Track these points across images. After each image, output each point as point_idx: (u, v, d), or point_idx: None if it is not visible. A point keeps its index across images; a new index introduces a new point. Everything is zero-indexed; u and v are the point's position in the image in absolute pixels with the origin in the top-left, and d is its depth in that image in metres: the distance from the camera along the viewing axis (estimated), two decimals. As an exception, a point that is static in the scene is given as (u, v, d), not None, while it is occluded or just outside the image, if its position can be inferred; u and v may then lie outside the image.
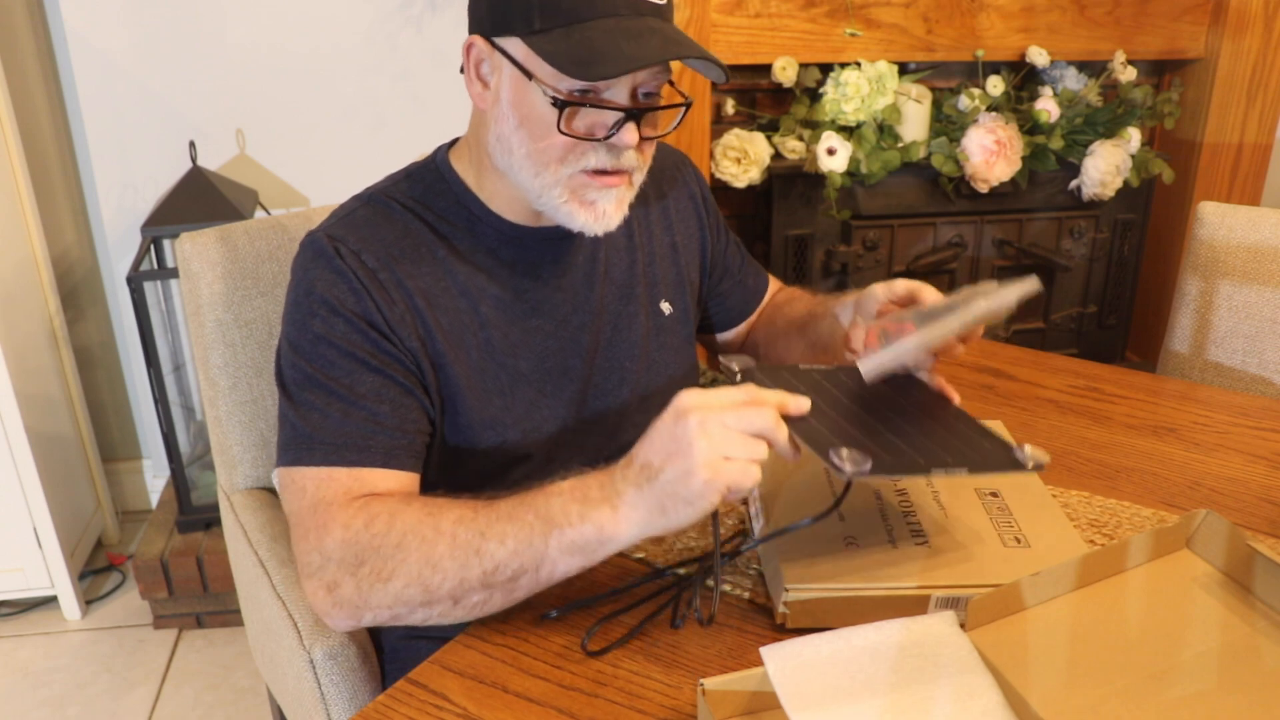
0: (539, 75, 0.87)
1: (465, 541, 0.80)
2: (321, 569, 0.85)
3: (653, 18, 0.88)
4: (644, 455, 0.77)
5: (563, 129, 0.88)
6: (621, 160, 0.91)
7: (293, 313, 0.94)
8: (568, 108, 0.87)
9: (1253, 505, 1.03)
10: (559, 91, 0.87)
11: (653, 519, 0.76)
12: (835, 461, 0.74)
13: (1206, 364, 1.53)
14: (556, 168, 0.91)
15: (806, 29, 2.11)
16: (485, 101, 0.93)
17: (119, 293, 2.19)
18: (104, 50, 1.98)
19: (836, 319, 1.07)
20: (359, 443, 0.89)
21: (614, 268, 1.07)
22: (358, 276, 0.92)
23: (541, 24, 0.86)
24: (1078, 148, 2.14)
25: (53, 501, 1.97)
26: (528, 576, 0.80)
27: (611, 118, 0.89)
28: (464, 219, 0.99)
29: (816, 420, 0.81)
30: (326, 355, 0.91)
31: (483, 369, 0.97)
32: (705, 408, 0.75)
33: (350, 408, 0.89)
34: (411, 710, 0.77)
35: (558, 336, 1.02)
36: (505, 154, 0.93)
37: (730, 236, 1.23)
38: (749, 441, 0.75)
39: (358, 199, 1.00)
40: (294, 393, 0.91)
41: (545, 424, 1.01)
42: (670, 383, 1.12)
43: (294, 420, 0.90)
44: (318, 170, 2.15)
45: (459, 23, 2.07)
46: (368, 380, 0.91)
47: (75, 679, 1.90)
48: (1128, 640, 0.74)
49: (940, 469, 0.78)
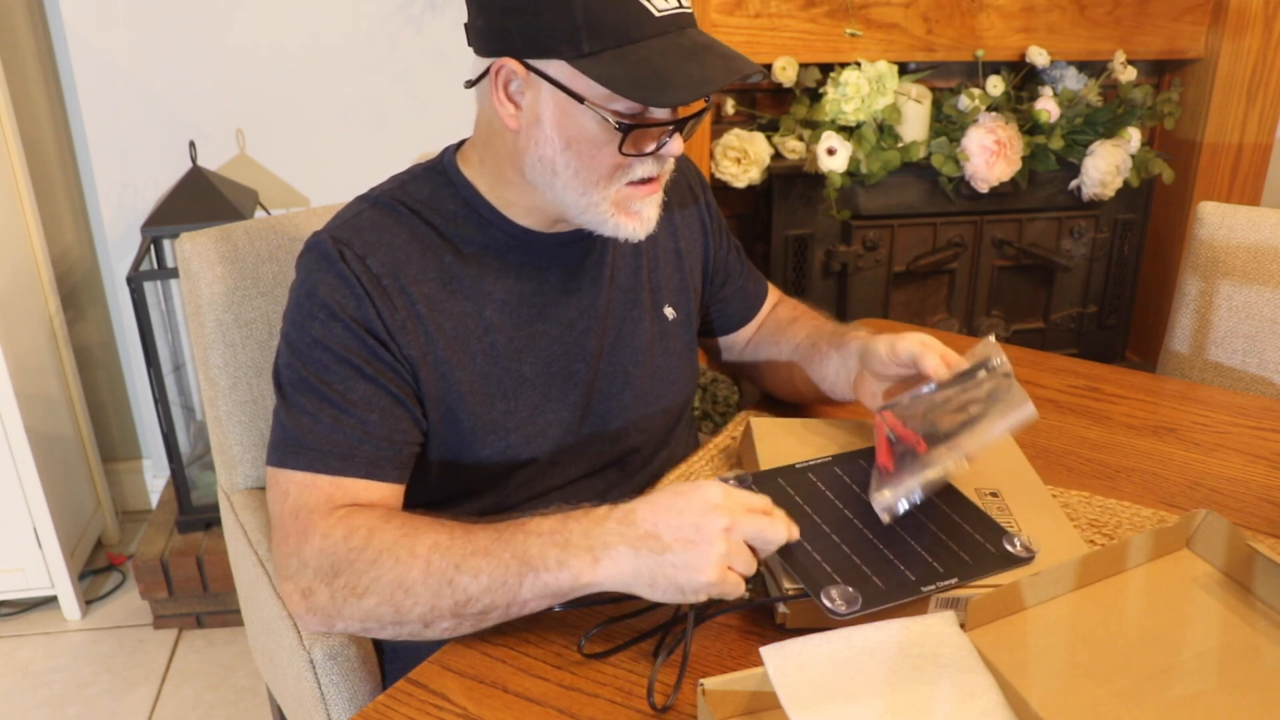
0: (591, 98, 0.86)
1: (439, 570, 0.80)
2: (298, 574, 0.85)
3: (692, 29, 0.90)
4: (654, 523, 0.77)
5: (625, 150, 0.89)
6: (664, 167, 0.94)
7: (293, 313, 0.94)
8: (634, 130, 0.88)
9: (1253, 505, 1.03)
10: (620, 115, 0.87)
11: (635, 582, 0.77)
12: (826, 604, 0.77)
13: (1206, 364, 1.53)
14: (607, 184, 0.91)
15: (806, 29, 2.11)
16: (517, 122, 0.91)
17: (119, 293, 2.19)
18: (104, 50, 1.98)
19: (843, 362, 1.07)
20: (345, 451, 0.89)
21: (620, 272, 1.07)
22: (361, 282, 0.92)
23: (591, 47, 0.85)
24: (1078, 148, 2.14)
25: (53, 501, 1.97)
26: (498, 612, 0.80)
27: (659, 131, 0.90)
28: (472, 222, 0.98)
29: (810, 537, 0.84)
30: (322, 360, 0.91)
31: (486, 374, 0.97)
32: (735, 512, 0.76)
33: (341, 415, 0.90)
34: (411, 710, 0.77)
35: (563, 341, 1.02)
36: (548, 174, 0.92)
37: (731, 241, 1.23)
38: (751, 559, 0.77)
39: (364, 200, 0.99)
40: (288, 393, 0.92)
41: (548, 429, 1.01)
42: (674, 387, 1.12)
43: (285, 421, 0.91)
44: (318, 170, 2.15)
45: (459, 23, 2.06)
46: (361, 388, 0.91)
47: (75, 679, 1.90)
48: (1128, 640, 0.74)
49: (932, 585, 0.80)
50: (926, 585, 0.80)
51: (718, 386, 2.12)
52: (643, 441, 1.09)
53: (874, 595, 0.78)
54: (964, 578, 0.81)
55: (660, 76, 0.84)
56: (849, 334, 1.09)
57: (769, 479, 0.93)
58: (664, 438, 1.12)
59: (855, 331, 1.09)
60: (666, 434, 1.13)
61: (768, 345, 1.21)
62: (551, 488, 1.03)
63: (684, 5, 0.89)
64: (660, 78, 0.84)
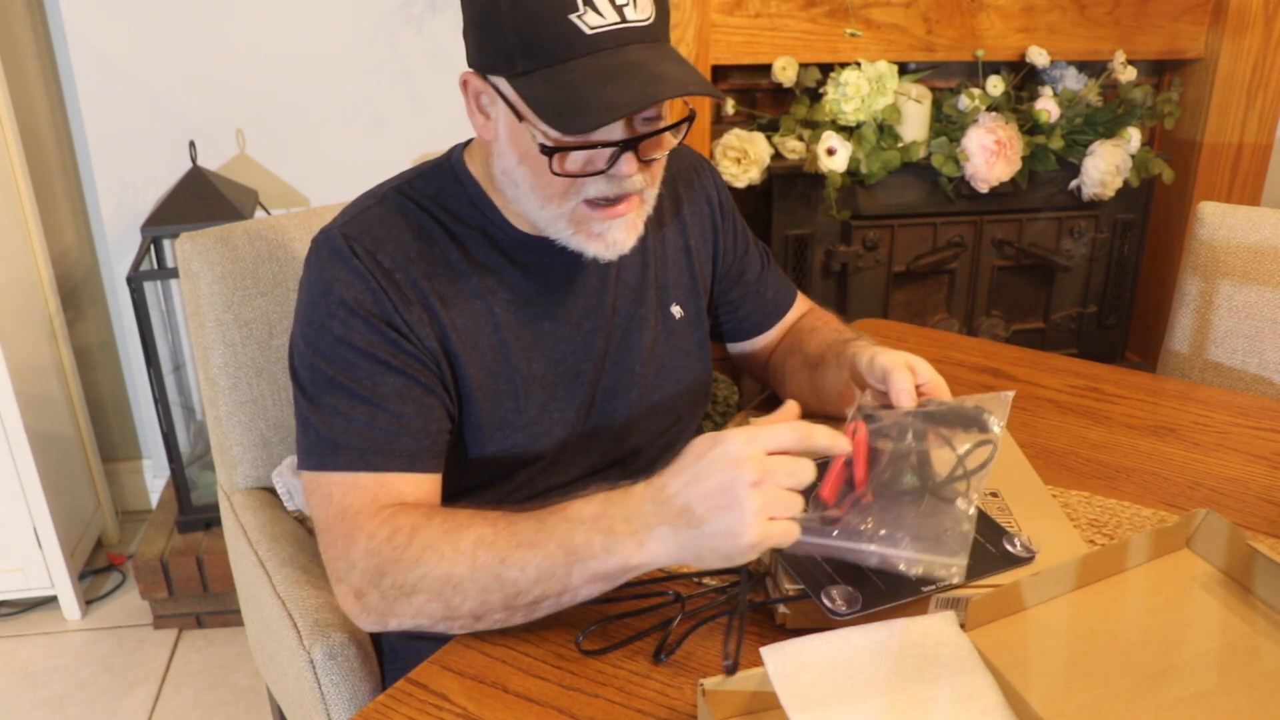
0: (528, 117, 0.86)
1: (485, 565, 0.79)
2: (348, 575, 0.85)
3: (637, 45, 0.84)
4: (684, 496, 0.74)
5: (555, 170, 0.87)
6: (625, 186, 0.89)
7: (309, 312, 0.93)
8: (556, 153, 0.86)
9: (1253, 505, 1.03)
10: (547, 137, 0.85)
11: (682, 557, 0.75)
12: (826, 604, 0.77)
13: (1206, 364, 1.53)
14: (560, 201, 0.90)
15: (806, 29, 2.11)
16: (488, 133, 0.93)
17: (119, 293, 2.19)
18: (104, 50, 1.98)
19: (838, 373, 1.03)
20: (384, 446, 0.88)
21: (626, 271, 1.06)
22: (374, 276, 0.91)
23: (524, 66, 0.84)
24: (1078, 148, 2.14)
25: (53, 501, 1.97)
26: (549, 601, 0.79)
27: (608, 151, 0.87)
28: (478, 221, 0.98)
29: None
30: (347, 357, 0.90)
31: (495, 371, 0.97)
32: (759, 462, 0.72)
33: (375, 410, 0.89)
34: (411, 710, 0.77)
35: (571, 341, 1.02)
36: (511, 185, 0.93)
37: (754, 245, 1.20)
38: (794, 498, 0.73)
39: (372, 195, 0.99)
40: (314, 395, 0.91)
41: (554, 428, 1.01)
42: (679, 387, 1.11)
43: (316, 424, 0.89)
44: (318, 170, 2.15)
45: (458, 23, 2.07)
46: (390, 381, 0.90)
47: (75, 679, 1.90)
48: (1128, 640, 0.74)
49: (932, 585, 0.80)
50: (927, 585, 0.80)
51: (718, 386, 2.12)
52: (645, 442, 1.09)
53: (874, 595, 0.78)
54: (964, 578, 0.81)
55: (573, 102, 0.81)
56: (849, 344, 1.04)
57: None
58: (669, 438, 1.12)
59: (856, 341, 1.04)
60: (671, 433, 1.13)
61: (787, 357, 1.18)
62: (553, 486, 1.03)
63: (628, 19, 0.83)
64: (573, 103, 0.81)
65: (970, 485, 0.82)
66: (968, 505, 0.81)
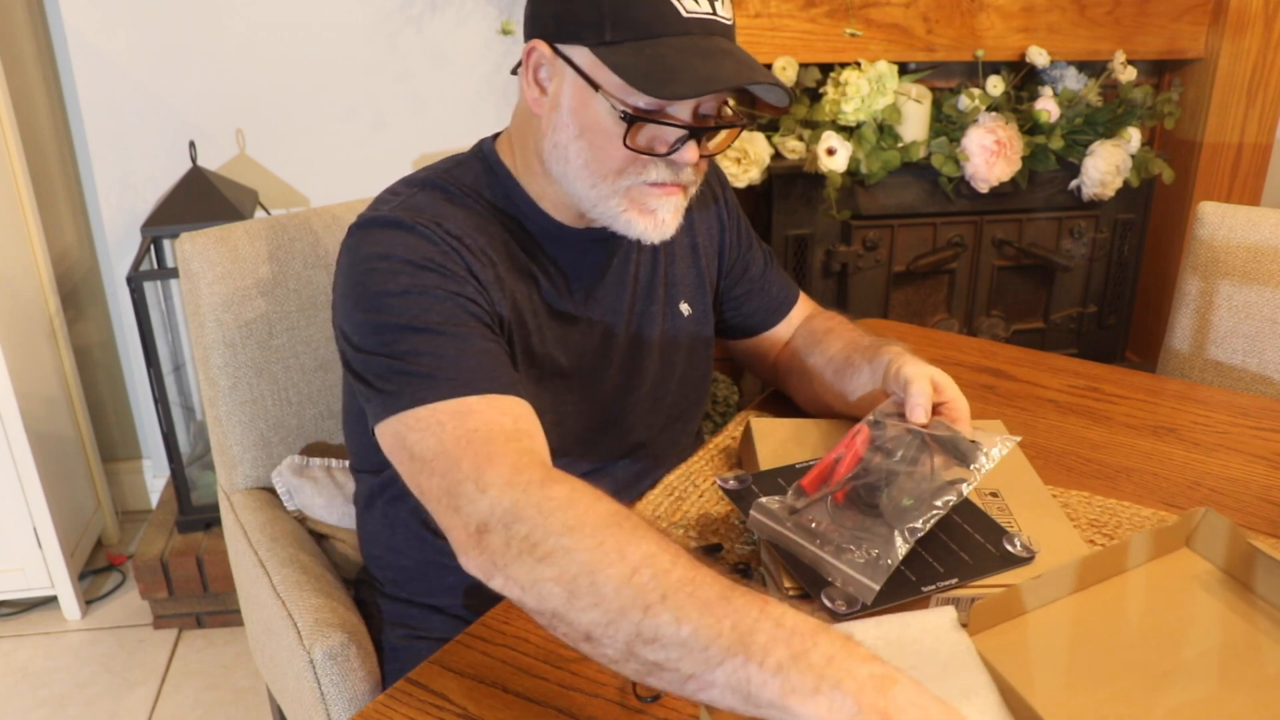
0: (606, 87, 0.87)
1: (642, 587, 0.65)
2: (473, 504, 0.73)
3: (722, 38, 0.89)
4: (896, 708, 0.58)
5: (627, 143, 0.89)
6: (680, 175, 0.92)
7: (366, 281, 0.87)
8: (635, 122, 0.88)
9: (1253, 505, 1.03)
10: (626, 105, 0.87)
11: None
12: (826, 604, 0.77)
13: (1206, 364, 1.53)
14: (615, 179, 0.91)
15: (806, 29, 2.11)
16: (541, 107, 0.93)
17: (119, 293, 2.19)
18: (104, 50, 1.98)
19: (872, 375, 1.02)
20: (486, 373, 0.82)
21: (641, 269, 1.08)
22: (445, 240, 0.89)
23: (613, 36, 0.86)
24: (1078, 148, 2.14)
25: (53, 501, 1.97)
26: (671, 676, 0.63)
27: (673, 134, 0.89)
28: (514, 210, 0.99)
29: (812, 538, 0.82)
30: (421, 302, 0.85)
31: (529, 355, 0.98)
32: None
33: (463, 343, 0.84)
34: (411, 710, 0.77)
35: (590, 335, 1.03)
36: (560, 161, 0.93)
37: (757, 244, 1.21)
38: None
39: (409, 185, 0.97)
40: (389, 348, 0.84)
41: (566, 419, 1.02)
42: (684, 384, 1.12)
43: (400, 370, 0.82)
44: (318, 170, 2.15)
45: (459, 23, 2.07)
46: (471, 323, 0.86)
47: (75, 679, 1.90)
48: (1129, 641, 0.74)
49: (932, 585, 0.80)
50: (926, 585, 0.80)
51: (718, 386, 2.12)
52: (649, 437, 1.10)
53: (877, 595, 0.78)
54: (964, 578, 0.81)
55: (668, 70, 0.84)
56: (884, 348, 1.04)
57: (769, 479, 0.93)
58: (672, 434, 1.13)
59: (891, 346, 1.04)
60: (674, 429, 1.13)
61: (802, 357, 1.17)
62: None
63: (718, 14, 0.89)
64: (668, 71, 0.84)
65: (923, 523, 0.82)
66: (903, 542, 0.80)
